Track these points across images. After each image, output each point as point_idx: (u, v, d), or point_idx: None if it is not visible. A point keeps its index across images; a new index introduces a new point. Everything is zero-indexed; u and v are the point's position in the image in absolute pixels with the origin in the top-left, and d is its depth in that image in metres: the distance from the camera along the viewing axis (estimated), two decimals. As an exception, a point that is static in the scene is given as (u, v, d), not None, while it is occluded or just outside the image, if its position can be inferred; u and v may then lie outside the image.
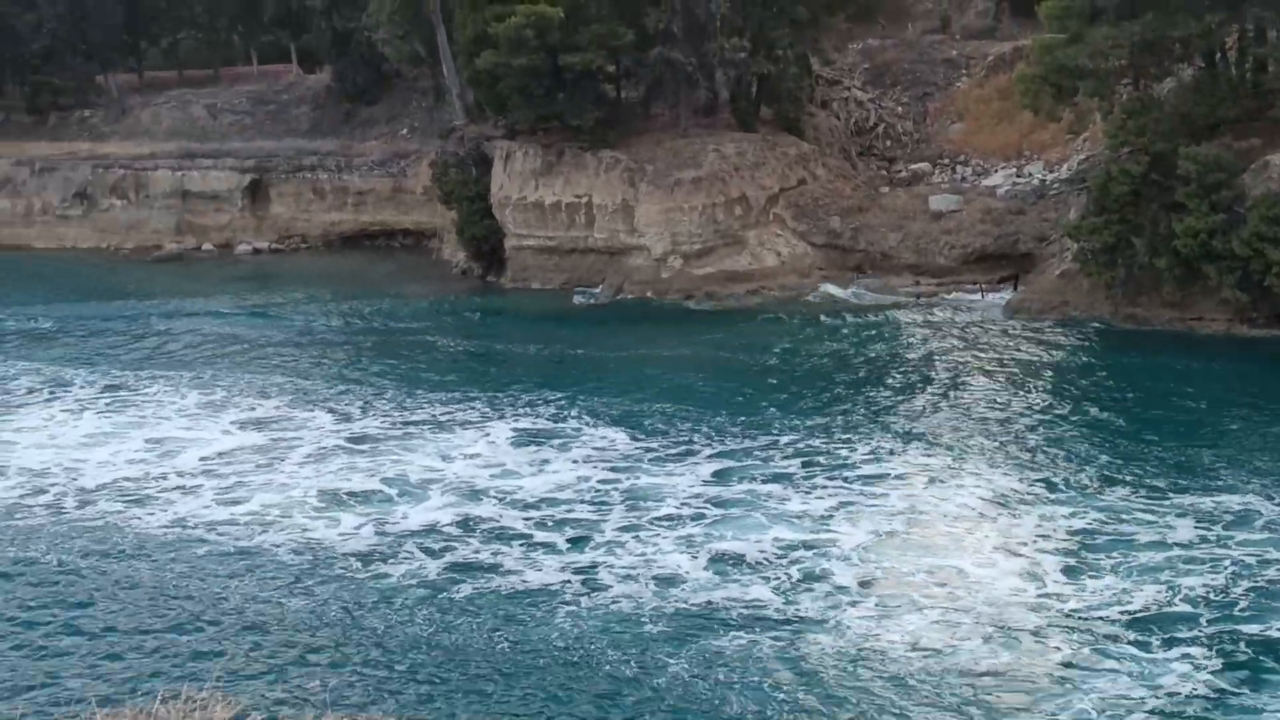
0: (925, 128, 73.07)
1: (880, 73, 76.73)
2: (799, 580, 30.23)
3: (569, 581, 31.14)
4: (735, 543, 32.64)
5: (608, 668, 26.62)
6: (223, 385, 51.29)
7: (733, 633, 27.62)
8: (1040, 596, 28.76)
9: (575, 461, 40.03)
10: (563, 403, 46.03)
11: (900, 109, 74.55)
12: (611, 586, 30.67)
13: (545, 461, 40.31)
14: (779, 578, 30.43)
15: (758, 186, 64.25)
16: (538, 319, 61.00)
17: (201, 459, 42.23)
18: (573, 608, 29.63)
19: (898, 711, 24.11)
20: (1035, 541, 31.76)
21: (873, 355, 50.93)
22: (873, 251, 62.29)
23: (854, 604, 28.86)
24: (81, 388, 51.83)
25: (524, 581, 31.30)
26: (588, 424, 43.60)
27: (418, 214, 78.88)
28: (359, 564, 33.00)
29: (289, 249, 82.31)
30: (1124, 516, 32.67)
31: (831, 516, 34.10)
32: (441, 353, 55.81)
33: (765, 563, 31.32)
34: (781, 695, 25.01)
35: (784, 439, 40.50)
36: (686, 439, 41.21)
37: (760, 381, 47.56)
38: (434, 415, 45.85)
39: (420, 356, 54.85)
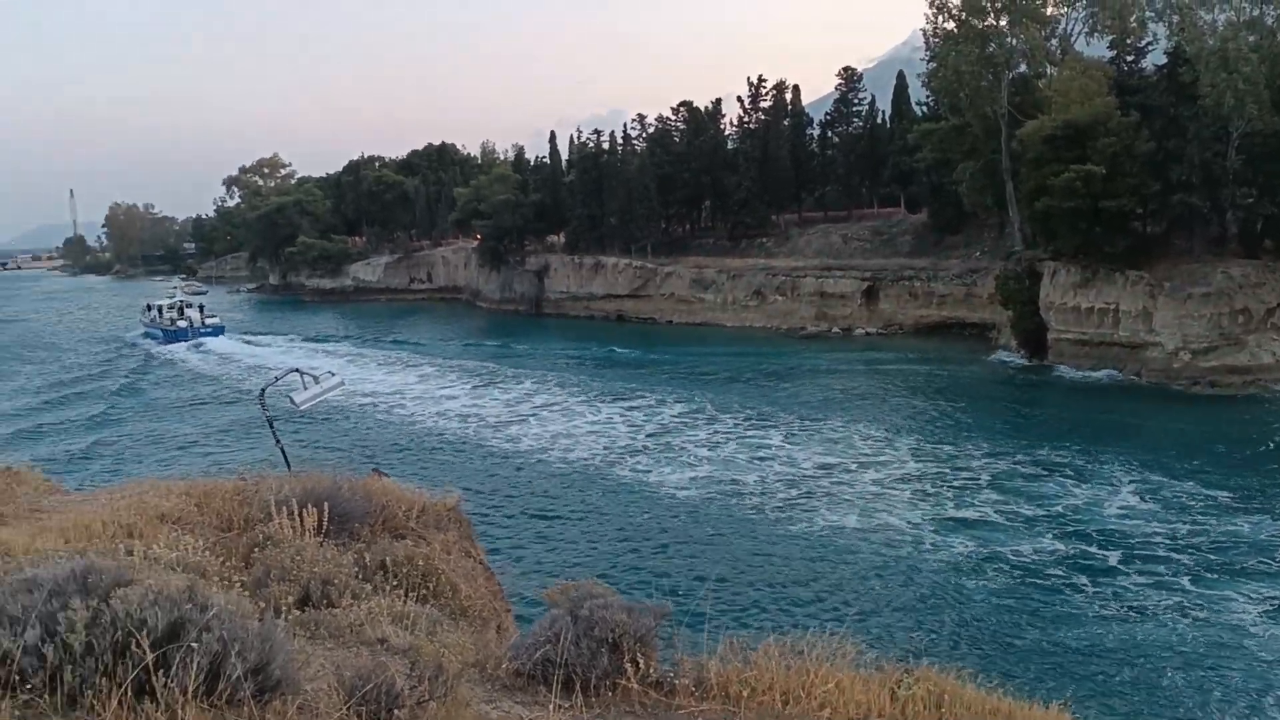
0: None
1: (1378, 211, 65.75)
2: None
3: (1114, 608, 27.03)
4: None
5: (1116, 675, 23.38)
6: (870, 422, 50.83)
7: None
8: None
9: (1149, 508, 35.16)
10: (1121, 457, 41.38)
11: (1396, 241, 63.50)
12: (1142, 621, 26.30)
13: (1119, 506, 35.59)
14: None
15: (1259, 301, 57.80)
16: (1076, 391, 58.15)
17: (869, 479, 40.01)
18: (1117, 639, 25.41)
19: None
20: None
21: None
22: (1363, 356, 53.70)
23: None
24: (775, 415, 53.38)
25: (1072, 600, 27.99)
26: (1152, 480, 38.20)
27: (982, 312, 77.40)
28: (950, 569, 30.44)
29: (890, 333, 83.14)
30: None
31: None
32: (1014, 413, 52.89)
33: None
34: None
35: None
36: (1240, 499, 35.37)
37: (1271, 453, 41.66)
38: (1019, 460, 42.22)
39: (999, 413, 52.85)
